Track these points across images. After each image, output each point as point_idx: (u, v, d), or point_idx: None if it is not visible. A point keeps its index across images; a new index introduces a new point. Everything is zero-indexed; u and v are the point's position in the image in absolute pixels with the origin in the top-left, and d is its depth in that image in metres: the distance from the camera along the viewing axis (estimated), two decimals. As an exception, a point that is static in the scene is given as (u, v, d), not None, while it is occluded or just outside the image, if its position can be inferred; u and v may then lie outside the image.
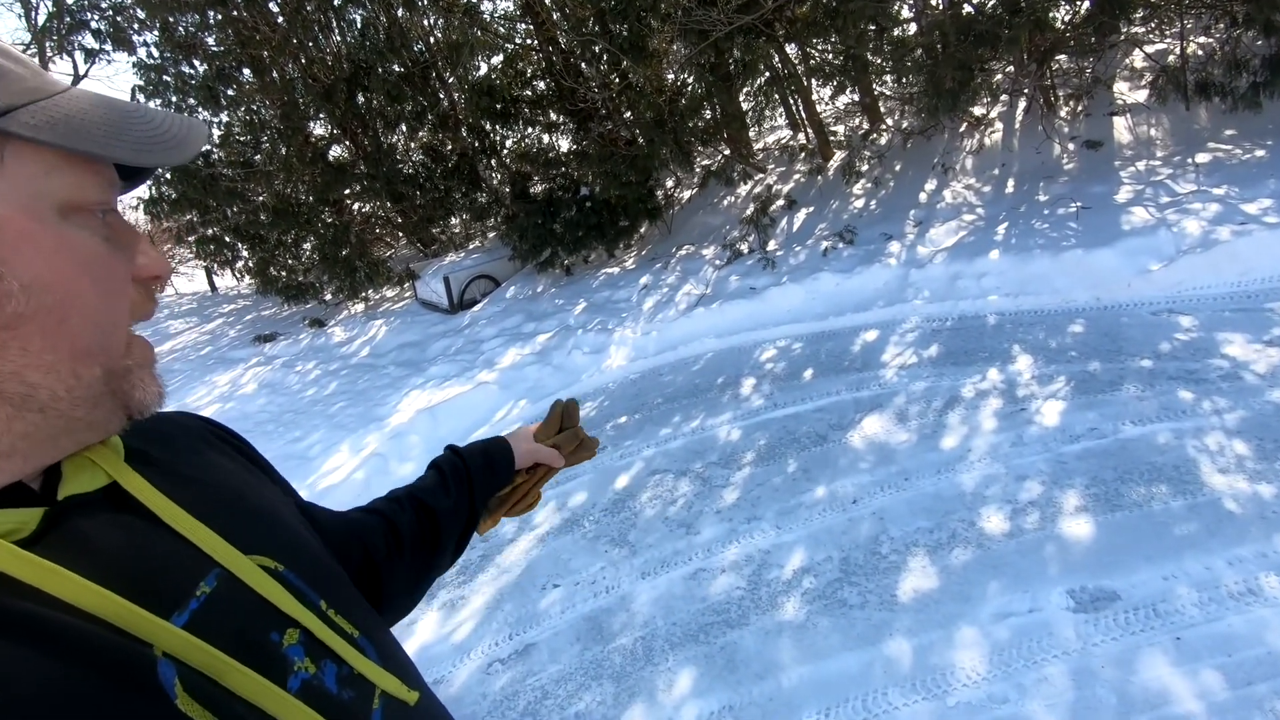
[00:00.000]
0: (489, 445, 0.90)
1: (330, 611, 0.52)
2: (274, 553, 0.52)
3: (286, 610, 0.48)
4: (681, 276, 6.48)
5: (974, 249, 5.13)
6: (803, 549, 2.89)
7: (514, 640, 2.85)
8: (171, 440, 0.56)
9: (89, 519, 0.43)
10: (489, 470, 0.88)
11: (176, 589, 0.44)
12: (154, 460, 0.52)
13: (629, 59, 6.86)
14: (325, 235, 8.83)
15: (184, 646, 0.41)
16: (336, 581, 0.57)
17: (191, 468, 0.54)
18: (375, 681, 0.52)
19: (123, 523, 0.45)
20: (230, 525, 0.50)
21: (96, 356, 0.43)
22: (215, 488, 0.54)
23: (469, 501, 0.85)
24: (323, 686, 0.48)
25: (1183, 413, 3.06)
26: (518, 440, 0.92)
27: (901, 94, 7.48)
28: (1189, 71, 5.56)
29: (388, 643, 0.58)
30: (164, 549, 0.46)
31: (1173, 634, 2.10)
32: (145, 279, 0.47)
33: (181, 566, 0.45)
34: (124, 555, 0.43)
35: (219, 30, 8.65)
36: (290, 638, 0.48)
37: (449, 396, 5.35)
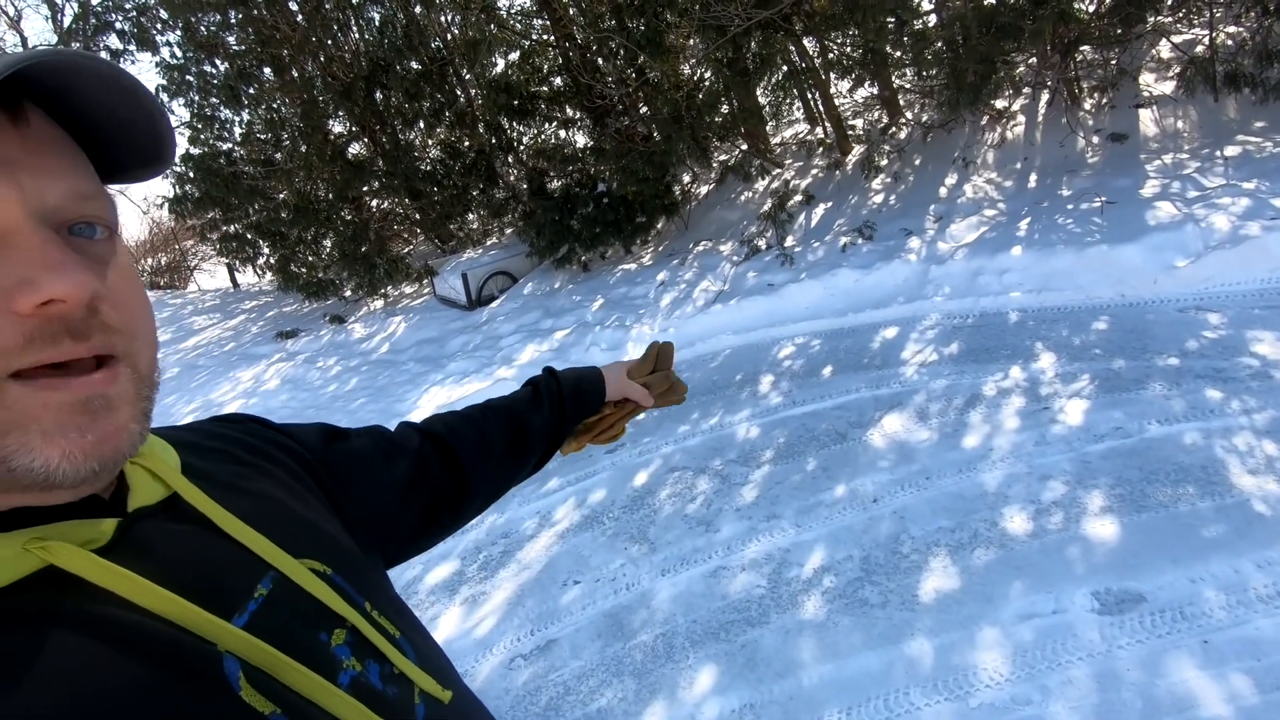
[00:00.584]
0: (583, 373, 0.93)
1: (374, 612, 0.54)
2: (322, 556, 0.54)
3: (337, 610, 0.50)
4: (699, 273, 6.48)
5: (995, 244, 5.08)
6: (823, 547, 2.89)
7: (535, 636, 2.88)
8: (219, 453, 0.59)
9: (155, 528, 0.46)
10: (579, 396, 0.91)
11: (236, 592, 0.46)
12: (203, 472, 0.54)
13: (646, 54, 6.84)
14: (345, 232, 8.91)
15: (245, 646, 0.43)
16: (378, 584, 0.60)
17: (239, 478, 0.57)
18: (414, 680, 0.54)
19: (184, 532, 0.48)
20: (281, 531, 0.52)
21: None
22: (264, 498, 0.56)
23: (557, 421, 0.88)
24: (369, 683, 0.49)
25: (1210, 412, 3.02)
26: (612, 374, 0.94)
27: (921, 87, 7.40)
28: (1218, 62, 5.44)
29: (425, 643, 0.60)
30: (223, 555, 0.48)
31: (1200, 637, 2.08)
32: (25, 312, 0.36)
33: (240, 570, 0.48)
34: (188, 561, 0.46)
35: (240, 30, 8.73)
36: (338, 638, 0.50)
37: (468, 392, 5.39)
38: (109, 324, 0.40)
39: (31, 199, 0.38)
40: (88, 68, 0.40)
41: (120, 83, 0.42)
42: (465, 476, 0.80)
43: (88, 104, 0.42)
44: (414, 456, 0.77)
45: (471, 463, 0.81)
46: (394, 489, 0.73)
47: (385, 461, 0.73)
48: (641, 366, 0.97)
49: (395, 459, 0.75)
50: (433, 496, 0.77)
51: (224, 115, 9.11)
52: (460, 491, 0.80)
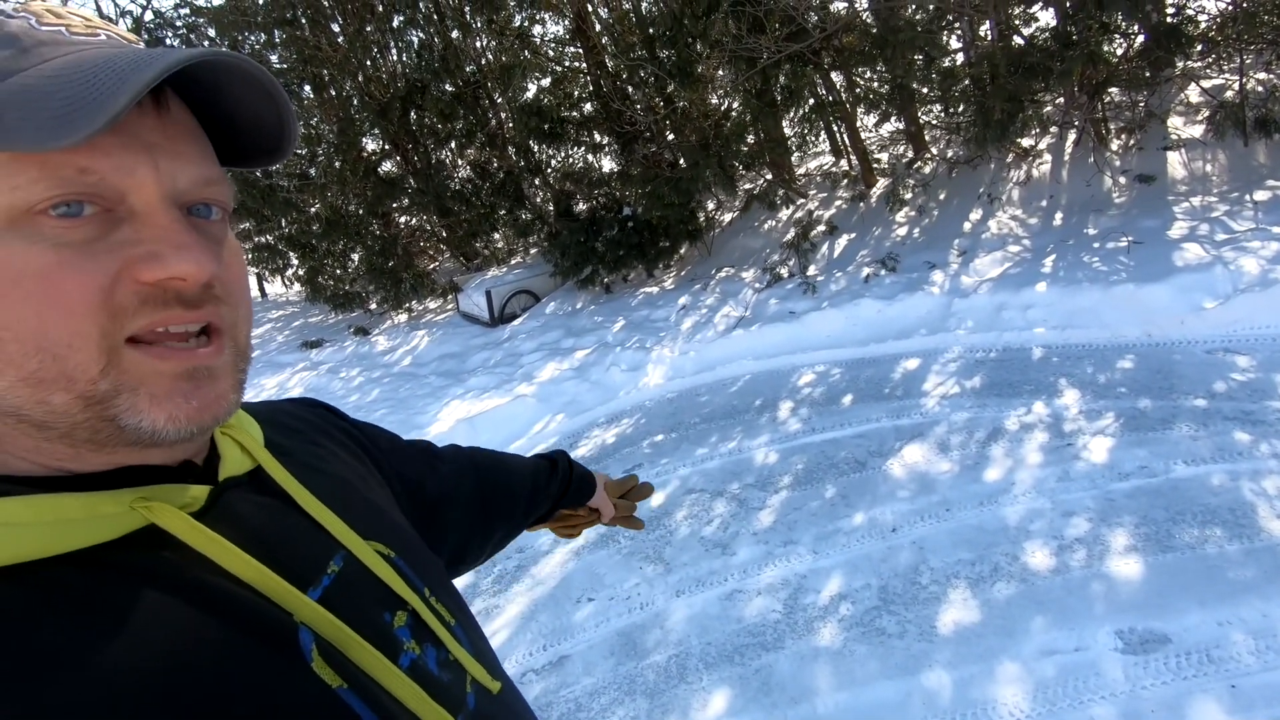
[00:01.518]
0: (586, 476, 1.02)
1: (432, 599, 0.56)
2: (388, 540, 0.56)
3: (399, 592, 0.52)
4: (721, 298, 6.52)
5: (1020, 280, 5.07)
6: (840, 575, 2.88)
7: (548, 651, 2.88)
8: (297, 432, 0.61)
9: (240, 499, 0.48)
10: (578, 492, 1.00)
11: (311, 566, 0.48)
12: (284, 449, 0.56)
13: (676, 83, 6.98)
14: (373, 246, 9.11)
15: (317, 618, 0.45)
16: (436, 571, 0.61)
17: (315, 458, 0.59)
18: (467, 668, 0.55)
19: (266, 504, 0.50)
20: (351, 513, 0.54)
21: (53, 383, 0.38)
22: (336, 479, 0.59)
23: (555, 501, 0.97)
24: (426, 667, 0.51)
25: (1239, 454, 2.98)
26: (598, 483, 1.05)
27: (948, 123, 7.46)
28: (1248, 108, 5.45)
29: (476, 635, 0.61)
30: (300, 530, 0.50)
31: (1227, 681, 2.04)
32: (149, 282, 0.39)
33: (315, 546, 0.50)
34: (270, 533, 0.48)
35: (284, 48, 9.04)
36: (400, 619, 0.51)
37: (488, 408, 5.44)
38: (218, 296, 0.43)
39: (165, 181, 0.41)
40: (237, 69, 0.43)
41: (262, 86, 0.44)
42: (491, 519, 0.85)
43: (227, 100, 0.45)
44: (464, 475, 0.81)
45: (500, 509, 0.87)
46: (445, 502, 0.77)
47: (435, 473, 0.78)
48: (616, 488, 1.10)
49: (445, 474, 0.79)
50: (472, 520, 0.82)
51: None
52: (487, 529, 0.84)
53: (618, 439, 4.75)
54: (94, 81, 0.36)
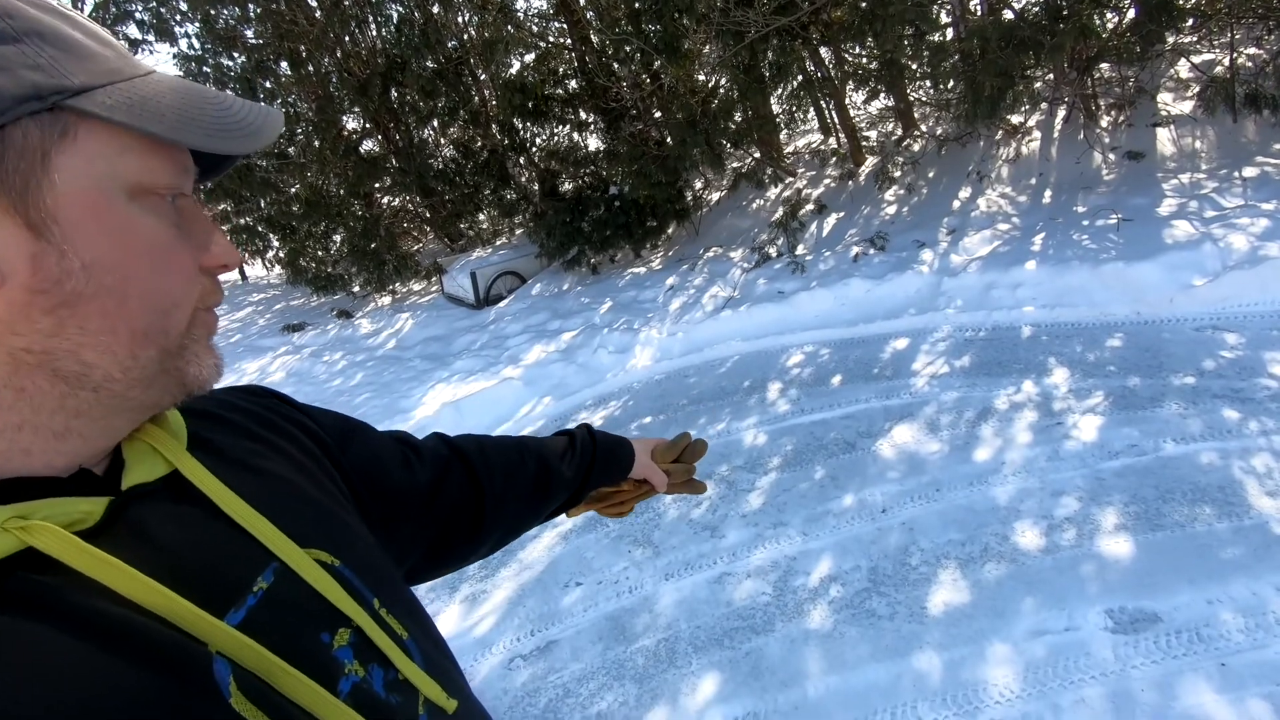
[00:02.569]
0: (619, 443, 0.92)
1: (382, 611, 0.52)
2: (330, 546, 0.51)
3: (341, 608, 0.48)
4: (709, 278, 6.45)
5: (1009, 259, 5.04)
6: (830, 557, 2.85)
7: (536, 637, 2.85)
8: (231, 425, 0.56)
9: (150, 510, 0.43)
10: (609, 463, 0.90)
11: (234, 583, 0.44)
12: (214, 446, 0.51)
13: (662, 59, 6.84)
14: (355, 228, 8.94)
15: (237, 647, 0.40)
16: (389, 578, 0.56)
17: (252, 455, 0.54)
18: (419, 687, 0.51)
19: (182, 514, 0.45)
20: (289, 517, 0.49)
21: (154, 339, 0.42)
22: (275, 478, 0.53)
23: (582, 479, 0.87)
24: (371, 690, 0.47)
25: (1228, 432, 2.97)
26: (640, 450, 0.94)
27: (937, 100, 7.38)
28: (1238, 83, 5.41)
29: (434, 647, 0.56)
30: (223, 541, 0.45)
31: (1217, 660, 2.04)
32: (211, 267, 0.46)
33: (239, 560, 0.45)
34: (183, 549, 0.43)
35: (259, 23, 8.78)
36: (341, 638, 0.47)
37: (473, 391, 5.37)
38: None
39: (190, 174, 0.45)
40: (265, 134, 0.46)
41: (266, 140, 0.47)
42: (485, 502, 0.77)
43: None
44: (439, 465, 0.74)
45: (494, 491, 0.78)
46: (412, 495, 0.69)
47: (405, 466, 0.70)
48: (667, 451, 0.96)
49: (417, 466, 0.72)
50: (451, 515, 0.73)
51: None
52: (478, 517, 0.76)
53: (605, 422, 4.70)
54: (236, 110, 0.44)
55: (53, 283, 0.37)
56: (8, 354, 0.38)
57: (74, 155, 0.38)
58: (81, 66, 0.39)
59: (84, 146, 0.38)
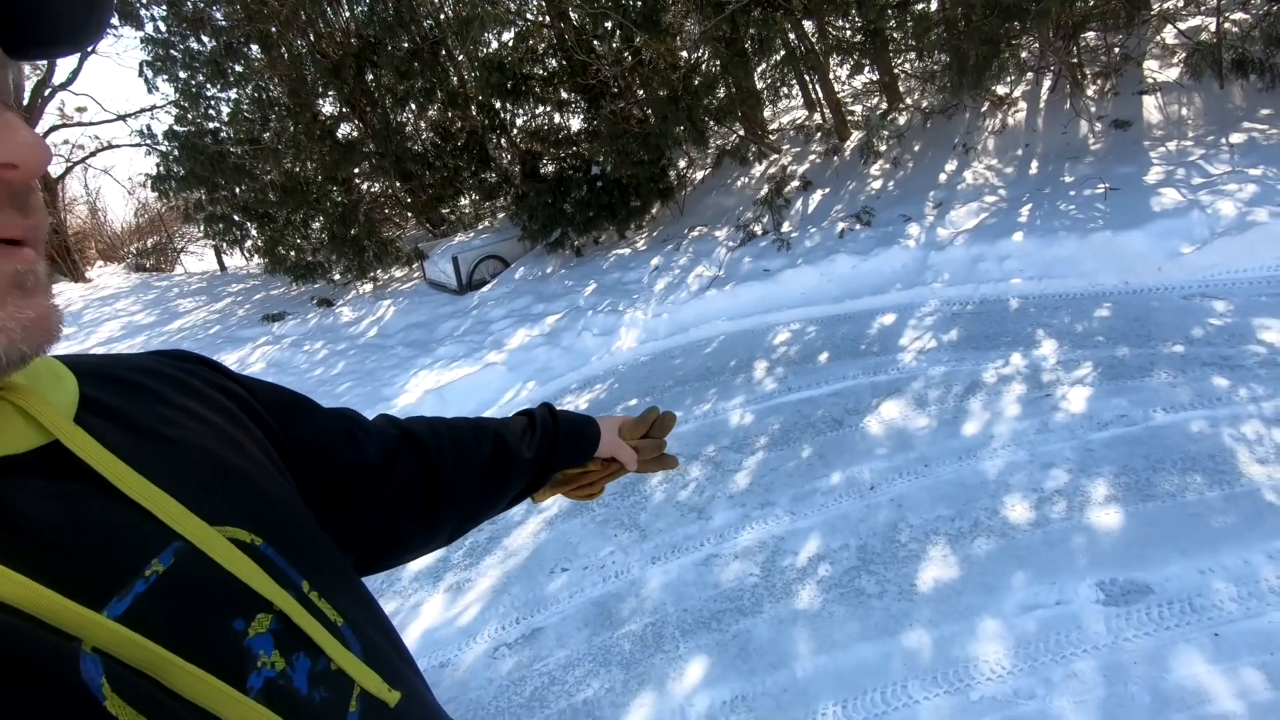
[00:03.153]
0: (581, 420, 0.87)
1: (312, 594, 0.46)
2: (250, 524, 0.45)
3: (260, 590, 0.42)
4: (694, 258, 6.36)
5: (996, 231, 4.98)
6: (818, 536, 2.81)
7: (521, 624, 2.79)
8: (138, 388, 0.48)
9: (18, 486, 0.37)
10: (571, 442, 0.85)
11: (119, 568, 0.37)
12: (113, 411, 0.44)
13: (642, 34, 6.69)
14: (334, 214, 8.75)
15: (116, 641, 0.35)
16: (323, 558, 0.50)
17: (161, 421, 0.47)
18: (355, 678, 0.45)
19: (60, 490, 0.38)
20: (199, 491, 0.43)
21: None
22: (186, 447, 0.46)
23: (544, 461, 0.82)
24: (290, 686, 0.41)
25: (1218, 400, 2.93)
26: (606, 428, 0.89)
27: (922, 72, 7.28)
28: (1224, 48, 5.35)
29: (377, 633, 0.51)
30: (109, 520, 0.39)
31: (1210, 630, 2.01)
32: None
33: (129, 541, 0.39)
34: (55, 530, 0.36)
35: (227, 4, 8.52)
36: (259, 625, 0.41)
37: (457, 377, 5.28)
38: (37, 204, 0.36)
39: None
40: None
41: None
42: (438, 486, 0.70)
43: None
44: (387, 446, 0.67)
45: (447, 473, 0.72)
46: (359, 476, 0.63)
47: (352, 444, 0.64)
48: (635, 428, 0.92)
49: (365, 445, 0.65)
50: (400, 498, 0.67)
51: (210, 93, 8.91)
52: (432, 502, 0.70)
53: (591, 405, 4.63)
54: None
55: None
56: None
57: None
58: None
59: None
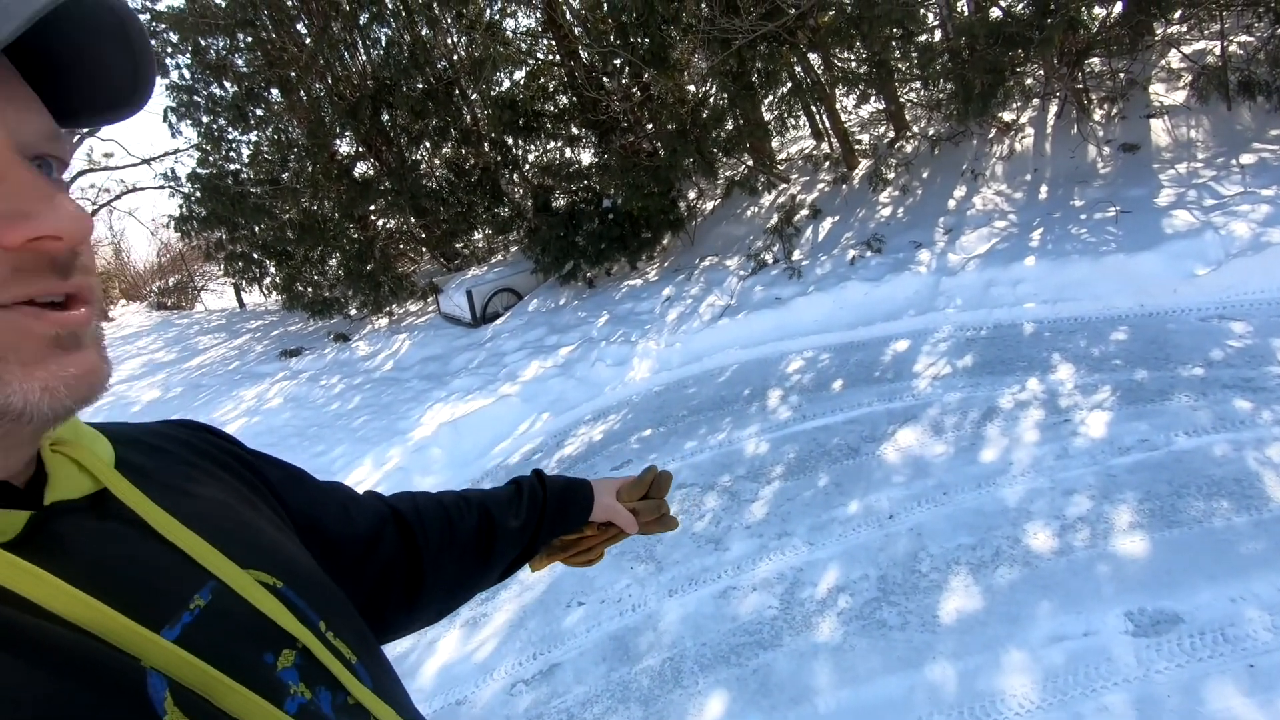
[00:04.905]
0: (572, 486, 0.86)
1: (329, 633, 0.49)
2: (272, 568, 0.48)
3: (286, 628, 0.45)
4: (705, 287, 6.40)
5: (1008, 255, 4.98)
6: (837, 566, 2.77)
7: (538, 660, 2.76)
8: (163, 451, 0.53)
9: (75, 526, 0.40)
10: (562, 511, 0.84)
11: (168, 601, 0.41)
12: (144, 470, 0.48)
13: (651, 70, 6.83)
14: (350, 251, 8.90)
15: (175, 661, 0.37)
16: (336, 602, 0.54)
17: (183, 479, 0.51)
18: (371, 710, 0.48)
19: (111, 531, 0.42)
20: (226, 538, 0.47)
21: None
22: (210, 500, 0.50)
23: (534, 530, 0.82)
24: (320, 712, 0.44)
25: (1241, 423, 2.89)
26: (601, 491, 0.88)
27: (927, 100, 7.36)
28: (1230, 71, 5.37)
29: (383, 671, 0.54)
30: (156, 559, 0.42)
31: (1245, 660, 1.95)
32: (16, 246, 0.34)
33: (174, 577, 0.42)
34: (112, 564, 0.40)
35: (248, 51, 8.82)
36: (286, 659, 0.44)
37: (471, 409, 5.31)
38: (86, 265, 0.38)
39: (14, 133, 0.36)
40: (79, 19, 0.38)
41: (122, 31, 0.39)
42: (421, 561, 0.72)
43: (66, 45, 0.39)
44: (375, 521, 0.69)
45: (431, 549, 0.73)
46: (347, 548, 0.65)
47: (343, 517, 0.66)
48: (633, 490, 0.90)
49: (355, 516, 0.68)
50: (383, 573, 0.68)
51: (232, 136, 9.17)
52: (415, 577, 0.71)
53: (605, 435, 4.63)
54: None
55: None
56: None
57: None
58: None
59: None
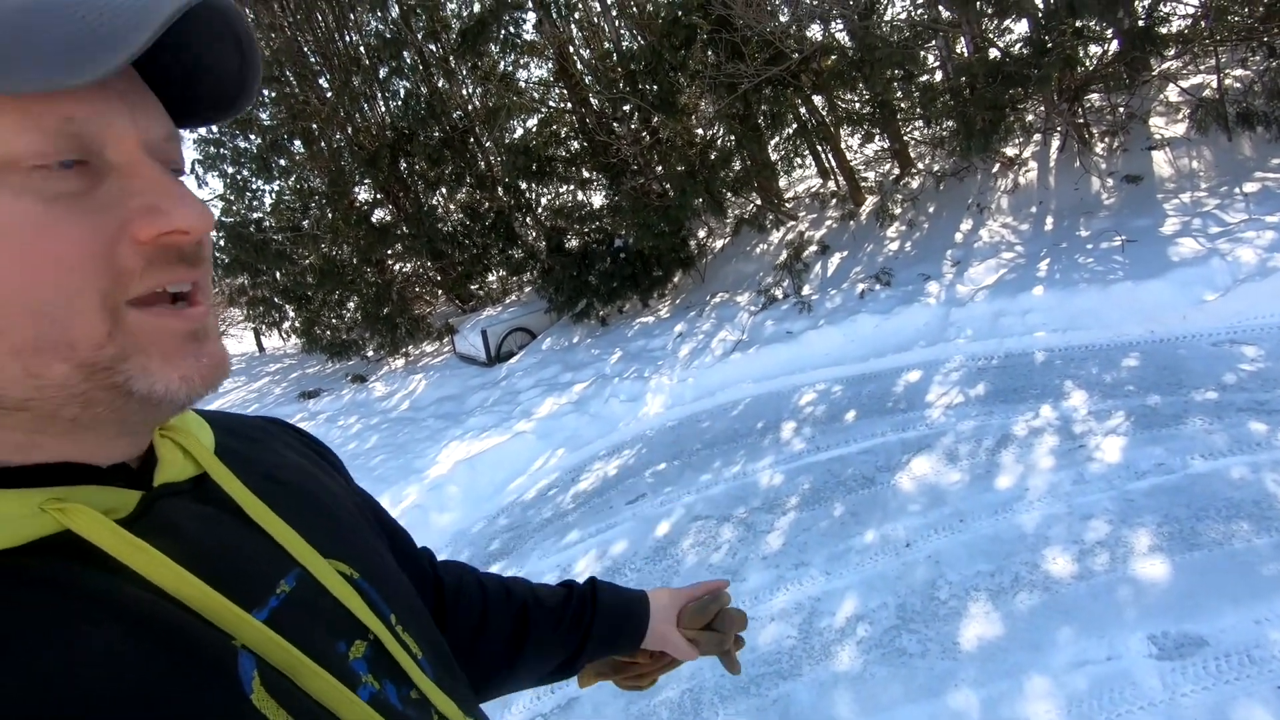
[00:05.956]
0: (626, 609, 0.79)
1: (399, 627, 0.51)
2: (351, 560, 0.50)
3: (361, 618, 0.47)
4: (717, 323, 6.48)
5: (1016, 286, 5.03)
6: (855, 595, 2.76)
7: (556, 694, 2.75)
8: (256, 440, 0.55)
9: (179, 507, 0.43)
10: (611, 636, 0.78)
11: (258, 584, 0.43)
12: (241, 456, 0.50)
13: (659, 114, 7.06)
14: (368, 294, 9.12)
15: (264, 642, 0.39)
16: (408, 597, 0.55)
17: (275, 468, 0.53)
18: (435, 704, 0.49)
19: (210, 514, 0.44)
20: (311, 528, 0.49)
21: (51, 351, 0.34)
22: (299, 490, 0.53)
23: (572, 651, 0.76)
24: (389, 702, 0.45)
25: (1257, 445, 2.88)
26: (659, 616, 0.80)
27: (931, 138, 7.52)
28: (1228, 103, 5.48)
29: (446, 668, 0.55)
30: (248, 543, 0.45)
31: (1271, 682, 1.92)
32: (151, 239, 0.36)
33: (264, 562, 0.44)
34: (210, 545, 0.42)
35: (273, 105, 9.20)
36: (357, 650, 0.46)
37: (487, 447, 5.36)
38: (205, 256, 0.41)
39: (142, 132, 0.37)
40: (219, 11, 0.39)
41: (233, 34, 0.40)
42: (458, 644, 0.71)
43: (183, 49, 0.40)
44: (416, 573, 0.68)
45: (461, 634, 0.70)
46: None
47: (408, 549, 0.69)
48: (696, 618, 0.82)
49: (415, 557, 0.69)
50: None
51: (256, 186, 9.51)
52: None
53: (620, 470, 4.66)
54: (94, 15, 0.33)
55: None
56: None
57: None
58: None
59: None
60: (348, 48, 9.35)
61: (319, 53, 9.29)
